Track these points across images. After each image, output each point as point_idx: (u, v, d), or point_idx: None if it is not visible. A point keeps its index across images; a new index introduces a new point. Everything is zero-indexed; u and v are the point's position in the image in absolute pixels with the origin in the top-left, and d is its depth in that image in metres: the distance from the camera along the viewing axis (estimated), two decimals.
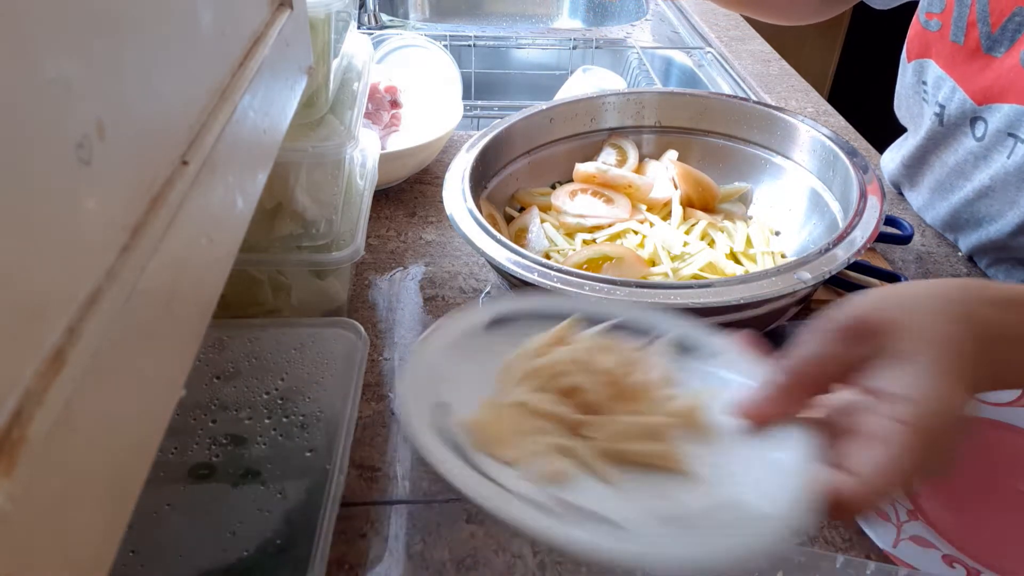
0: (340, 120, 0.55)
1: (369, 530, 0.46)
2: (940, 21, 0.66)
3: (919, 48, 0.70)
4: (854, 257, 0.49)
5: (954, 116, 0.66)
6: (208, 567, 0.41)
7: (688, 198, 0.68)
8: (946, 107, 0.66)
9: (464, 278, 0.68)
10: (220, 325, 0.52)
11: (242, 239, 0.28)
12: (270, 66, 0.31)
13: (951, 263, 0.71)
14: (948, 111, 0.66)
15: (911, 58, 0.71)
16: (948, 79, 0.65)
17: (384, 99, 0.82)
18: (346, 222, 0.57)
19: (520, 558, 0.44)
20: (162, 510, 0.44)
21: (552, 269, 0.48)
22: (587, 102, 0.73)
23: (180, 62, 0.23)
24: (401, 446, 0.51)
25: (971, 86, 0.63)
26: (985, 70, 0.62)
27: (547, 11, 1.47)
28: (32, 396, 0.14)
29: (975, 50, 0.62)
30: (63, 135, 0.16)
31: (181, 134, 0.23)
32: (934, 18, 0.66)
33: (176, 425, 0.48)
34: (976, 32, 0.62)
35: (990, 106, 0.62)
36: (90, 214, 0.17)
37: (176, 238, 0.21)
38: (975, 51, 0.62)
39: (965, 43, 0.63)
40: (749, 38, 1.25)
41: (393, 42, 1.02)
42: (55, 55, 0.15)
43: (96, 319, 0.16)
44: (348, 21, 0.62)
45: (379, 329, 0.61)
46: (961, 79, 0.64)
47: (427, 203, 0.78)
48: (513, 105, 1.02)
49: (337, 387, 0.49)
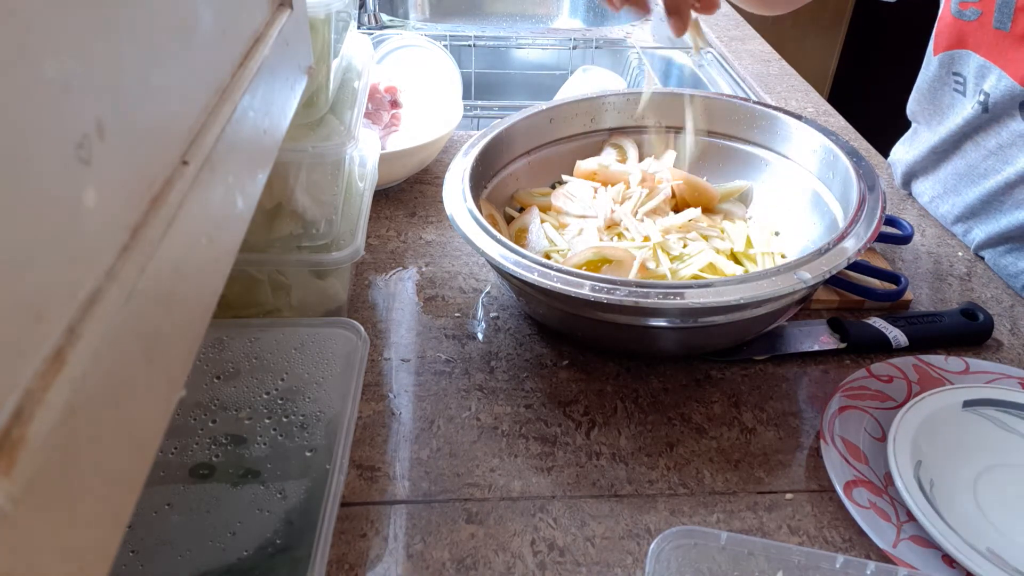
0: (340, 120, 0.55)
1: (369, 530, 0.46)
2: (979, 9, 0.66)
3: (949, 40, 0.70)
4: (854, 257, 0.49)
5: (1001, 102, 0.66)
6: (208, 567, 0.41)
7: (685, 202, 0.68)
8: (991, 95, 0.67)
9: (464, 278, 0.68)
10: (220, 325, 0.52)
11: (242, 239, 0.28)
12: (270, 66, 0.31)
13: (951, 263, 0.71)
14: (993, 98, 0.67)
15: (939, 51, 0.72)
16: (993, 67, 0.66)
17: (384, 99, 0.82)
18: (346, 222, 0.57)
19: (520, 558, 0.44)
20: (162, 510, 0.44)
21: (552, 269, 0.48)
22: (587, 102, 0.73)
23: (180, 62, 0.23)
24: (401, 446, 0.51)
25: (1020, 71, 0.64)
26: None
27: (547, 11, 1.47)
28: (32, 396, 0.14)
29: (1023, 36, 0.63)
30: (63, 135, 0.16)
31: (181, 134, 0.23)
32: (970, 7, 0.67)
33: (176, 425, 0.48)
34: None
35: None
36: (90, 214, 0.17)
37: (176, 238, 0.21)
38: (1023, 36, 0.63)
39: (1012, 29, 0.64)
40: (749, 38, 1.25)
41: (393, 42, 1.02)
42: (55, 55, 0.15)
43: (96, 319, 0.16)
44: (348, 21, 0.62)
45: (379, 329, 0.61)
46: (1007, 65, 0.65)
47: (427, 203, 0.78)
48: (513, 105, 1.02)
49: (337, 387, 0.49)
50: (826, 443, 0.49)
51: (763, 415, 0.54)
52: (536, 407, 0.54)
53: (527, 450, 0.51)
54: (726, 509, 0.48)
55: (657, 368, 0.58)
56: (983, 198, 0.71)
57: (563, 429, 0.53)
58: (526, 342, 0.60)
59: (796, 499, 0.48)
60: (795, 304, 0.53)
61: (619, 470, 0.50)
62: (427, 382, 0.56)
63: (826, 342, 0.60)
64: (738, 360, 0.59)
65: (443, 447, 0.51)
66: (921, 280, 0.69)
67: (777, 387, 0.57)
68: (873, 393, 0.54)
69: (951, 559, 0.42)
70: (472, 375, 0.57)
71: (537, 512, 0.47)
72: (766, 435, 0.53)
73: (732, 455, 0.51)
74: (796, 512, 0.47)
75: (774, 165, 0.69)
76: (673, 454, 0.51)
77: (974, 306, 0.62)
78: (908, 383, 0.55)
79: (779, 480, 0.50)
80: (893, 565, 0.38)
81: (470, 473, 0.49)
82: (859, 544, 0.45)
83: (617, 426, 0.53)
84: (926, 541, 0.43)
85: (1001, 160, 0.68)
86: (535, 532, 0.46)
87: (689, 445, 0.52)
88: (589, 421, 0.53)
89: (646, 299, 0.46)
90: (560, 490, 0.48)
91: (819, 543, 0.46)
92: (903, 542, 0.43)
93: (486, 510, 0.47)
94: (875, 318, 0.61)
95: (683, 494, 0.48)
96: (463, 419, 0.53)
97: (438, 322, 0.62)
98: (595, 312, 0.51)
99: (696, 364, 0.58)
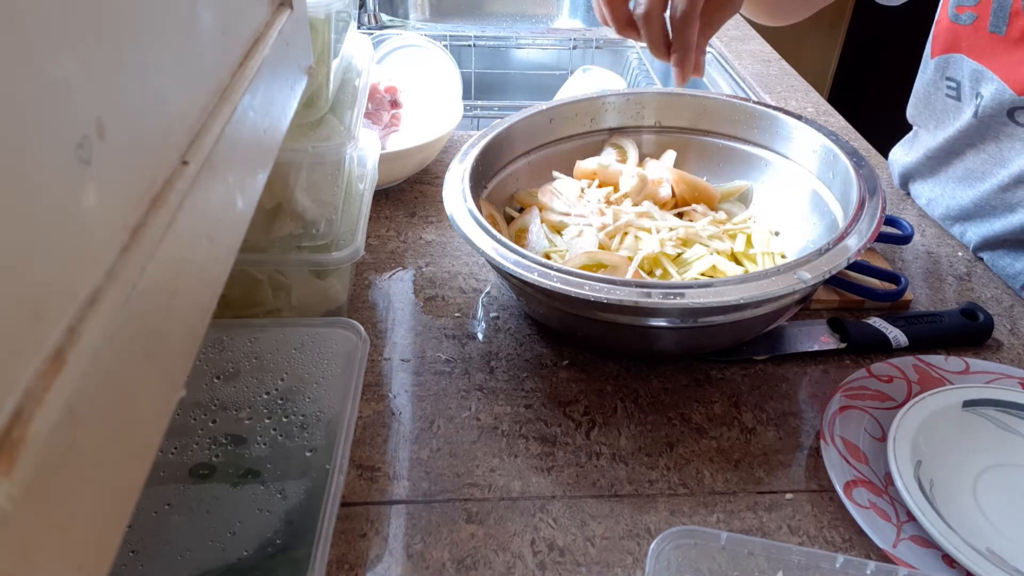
0: (340, 120, 0.55)
1: (369, 530, 0.46)
2: (975, 13, 0.66)
3: (945, 44, 0.70)
4: (854, 257, 0.49)
5: (993, 107, 0.66)
6: (208, 567, 0.41)
7: (685, 201, 0.68)
8: (985, 97, 0.67)
9: (464, 278, 0.68)
10: (220, 325, 0.52)
11: (242, 239, 0.28)
12: (270, 66, 0.31)
13: (951, 263, 0.71)
14: (986, 102, 0.66)
15: (935, 54, 0.71)
16: (986, 71, 0.66)
17: (384, 99, 0.82)
18: (346, 222, 0.57)
19: (520, 558, 0.44)
20: (162, 510, 0.44)
21: (552, 269, 0.48)
22: (587, 102, 0.73)
23: (180, 62, 0.23)
24: (401, 446, 0.51)
25: (1013, 76, 0.64)
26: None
27: (547, 11, 1.47)
28: (32, 396, 0.14)
29: (1019, 40, 0.63)
30: (63, 135, 0.16)
31: (181, 134, 0.23)
32: (966, 11, 0.66)
33: (176, 425, 0.48)
34: (1021, 21, 0.62)
35: None
36: (90, 214, 0.17)
37: (176, 238, 0.21)
38: (1019, 40, 0.63)
39: (1007, 33, 0.63)
40: (749, 38, 1.25)
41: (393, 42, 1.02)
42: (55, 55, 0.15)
43: (96, 319, 0.16)
44: (348, 21, 0.62)
45: (379, 329, 0.61)
46: (1000, 70, 0.65)
47: (427, 203, 0.78)
48: (513, 105, 1.02)
49: (337, 387, 0.49)
50: (826, 443, 0.49)
51: (763, 415, 0.54)
52: (536, 407, 0.54)
53: (527, 450, 0.51)
54: (726, 509, 0.48)
55: (657, 368, 0.58)
56: (977, 201, 0.71)
57: (563, 429, 0.53)
58: (526, 342, 0.60)
59: (796, 499, 0.48)
60: (795, 304, 0.53)
61: (619, 470, 0.50)
62: (427, 382, 0.56)
63: (826, 342, 0.60)
64: (738, 360, 0.59)
65: (443, 447, 0.51)
66: (921, 280, 0.69)
67: (777, 387, 0.57)
68: (873, 393, 0.54)
69: (951, 559, 0.42)
70: (472, 375, 0.57)
71: (537, 512, 0.47)
72: (766, 435, 0.53)
73: (732, 455, 0.51)
74: (796, 512, 0.47)
75: (774, 165, 0.69)
76: (673, 454, 0.51)
77: (974, 306, 0.62)
78: (908, 383, 0.55)
79: (779, 480, 0.50)
80: (893, 565, 0.38)
81: (470, 473, 0.49)
82: (859, 544, 0.45)
83: (617, 426, 0.53)
84: (926, 541, 0.43)
85: (995, 163, 0.68)
86: (535, 532, 0.46)
87: (689, 445, 0.52)
88: (589, 421, 0.53)
89: (646, 299, 0.46)
90: (560, 490, 0.48)
91: (819, 543, 0.46)
92: (903, 542, 0.43)
93: (486, 510, 0.47)
94: (875, 318, 0.61)
95: (683, 494, 0.48)
96: (463, 419, 0.53)
97: (438, 322, 0.62)
98: (595, 312, 0.51)
99: (696, 364, 0.58)
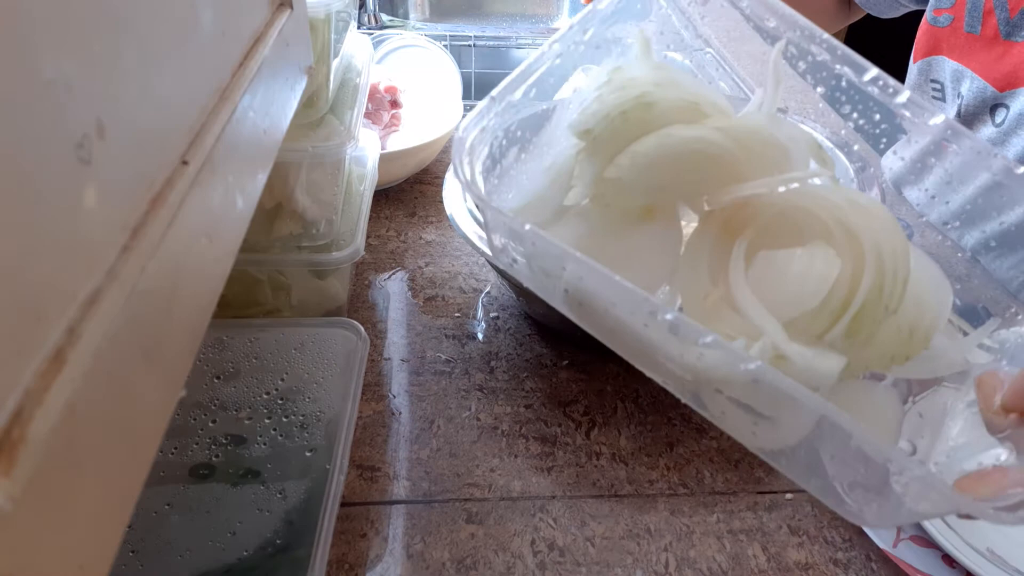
0: (340, 120, 0.55)
1: (369, 530, 0.46)
2: (951, 15, 0.67)
3: (926, 47, 0.71)
4: None
5: (974, 106, 0.67)
6: (208, 567, 0.41)
7: None
8: (965, 97, 0.67)
9: (464, 278, 0.68)
10: (220, 325, 0.52)
11: (242, 239, 0.28)
12: (270, 66, 0.31)
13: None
14: (967, 101, 0.67)
15: (917, 58, 0.72)
16: (966, 71, 0.67)
17: (384, 99, 0.81)
18: (346, 222, 0.57)
19: (520, 558, 0.44)
20: (162, 510, 0.44)
21: None
22: None
23: (180, 62, 0.23)
24: (401, 446, 0.51)
25: (991, 74, 0.65)
26: (1005, 56, 0.63)
27: (547, 11, 1.47)
28: (32, 396, 0.14)
29: (993, 38, 0.64)
30: (63, 135, 0.16)
31: (181, 134, 0.23)
32: (943, 13, 0.67)
33: (176, 425, 0.48)
34: (994, 20, 0.64)
35: (1012, 91, 0.63)
36: (90, 214, 0.17)
37: (176, 238, 0.21)
38: (993, 39, 0.64)
39: (982, 32, 0.64)
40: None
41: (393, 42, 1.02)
42: (55, 55, 0.15)
43: (96, 319, 0.16)
44: (348, 21, 0.62)
45: (379, 329, 0.61)
46: (979, 68, 0.65)
47: (427, 203, 0.78)
48: None
49: (337, 387, 0.49)
50: None
51: None
52: (536, 407, 0.54)
53: (527, 450, 0.51)
54: (726, 509, 0.48)
55: None
56: (964, 204, 0.71)
57: (563, 429, 0.53)
58: (526, 342, 0.60)
59: (796, 499, 0.48)
60: None
61: (619, 470, 0.50)
62: (427, 382, 0.56)
63: None
64: None
65: (443, 447, 0.51)
66: None
67: None
68: None
69: (951, 559, 0.42)
70: (472, 375, 0.57)
71: (537, 512, 0.47)
72: None
73: (732, 455, 0.51)
74: (796, 512, 0.47)
75: None
76: (673, 454, 0.51)
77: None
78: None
79: (779, 480, 0.50)
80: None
81: (470, 473, 0.49)
82: (859, 544, 0.45)
83: (617, 426, 0.53)
84: (926, 541, 0.43)
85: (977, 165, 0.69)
86: (535, 532, 0.46)
87: (689, 445, 0.52)
88: (589, 421, 0.53)
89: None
90: (560, 490, 0.48)
91: (819, 543, 0.46)
92: (903, 542, 0.43)
93: (486, 510, 0.47)
94: None
95: (683, 494, 0.48)
96: (463, 419, 0.53)
97: (438, 322, 0.62)
98: None
99: None
